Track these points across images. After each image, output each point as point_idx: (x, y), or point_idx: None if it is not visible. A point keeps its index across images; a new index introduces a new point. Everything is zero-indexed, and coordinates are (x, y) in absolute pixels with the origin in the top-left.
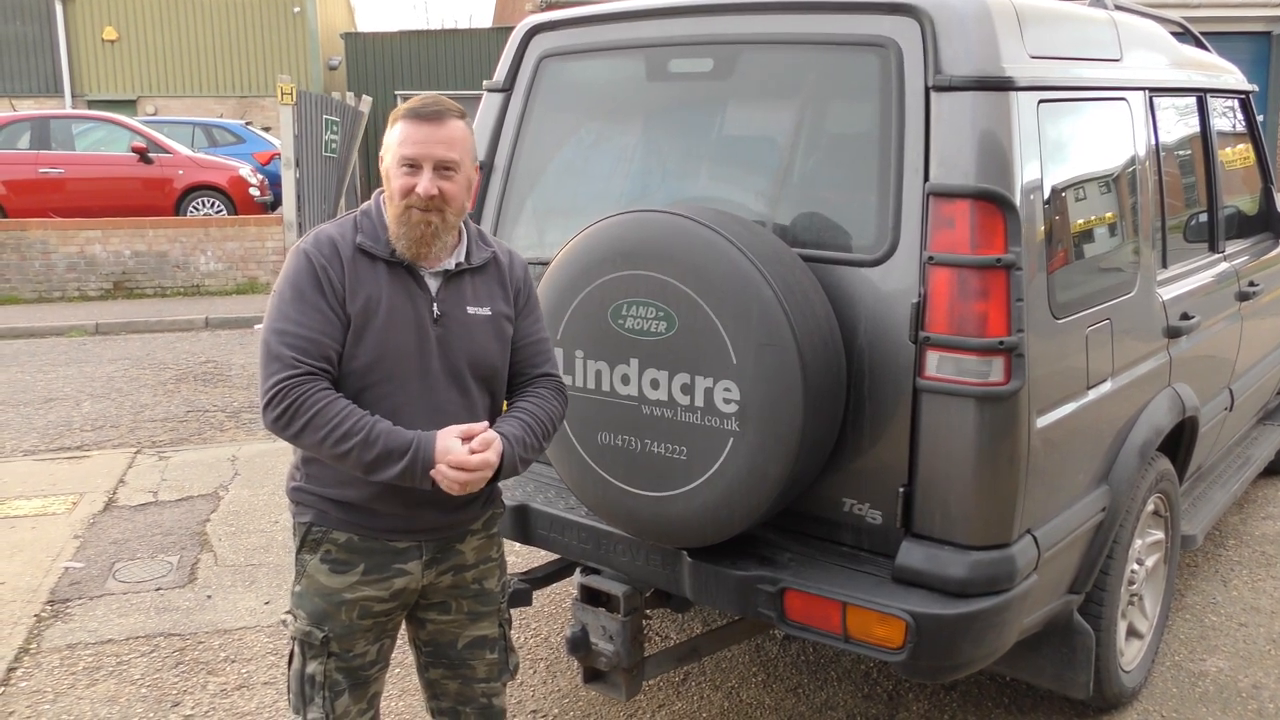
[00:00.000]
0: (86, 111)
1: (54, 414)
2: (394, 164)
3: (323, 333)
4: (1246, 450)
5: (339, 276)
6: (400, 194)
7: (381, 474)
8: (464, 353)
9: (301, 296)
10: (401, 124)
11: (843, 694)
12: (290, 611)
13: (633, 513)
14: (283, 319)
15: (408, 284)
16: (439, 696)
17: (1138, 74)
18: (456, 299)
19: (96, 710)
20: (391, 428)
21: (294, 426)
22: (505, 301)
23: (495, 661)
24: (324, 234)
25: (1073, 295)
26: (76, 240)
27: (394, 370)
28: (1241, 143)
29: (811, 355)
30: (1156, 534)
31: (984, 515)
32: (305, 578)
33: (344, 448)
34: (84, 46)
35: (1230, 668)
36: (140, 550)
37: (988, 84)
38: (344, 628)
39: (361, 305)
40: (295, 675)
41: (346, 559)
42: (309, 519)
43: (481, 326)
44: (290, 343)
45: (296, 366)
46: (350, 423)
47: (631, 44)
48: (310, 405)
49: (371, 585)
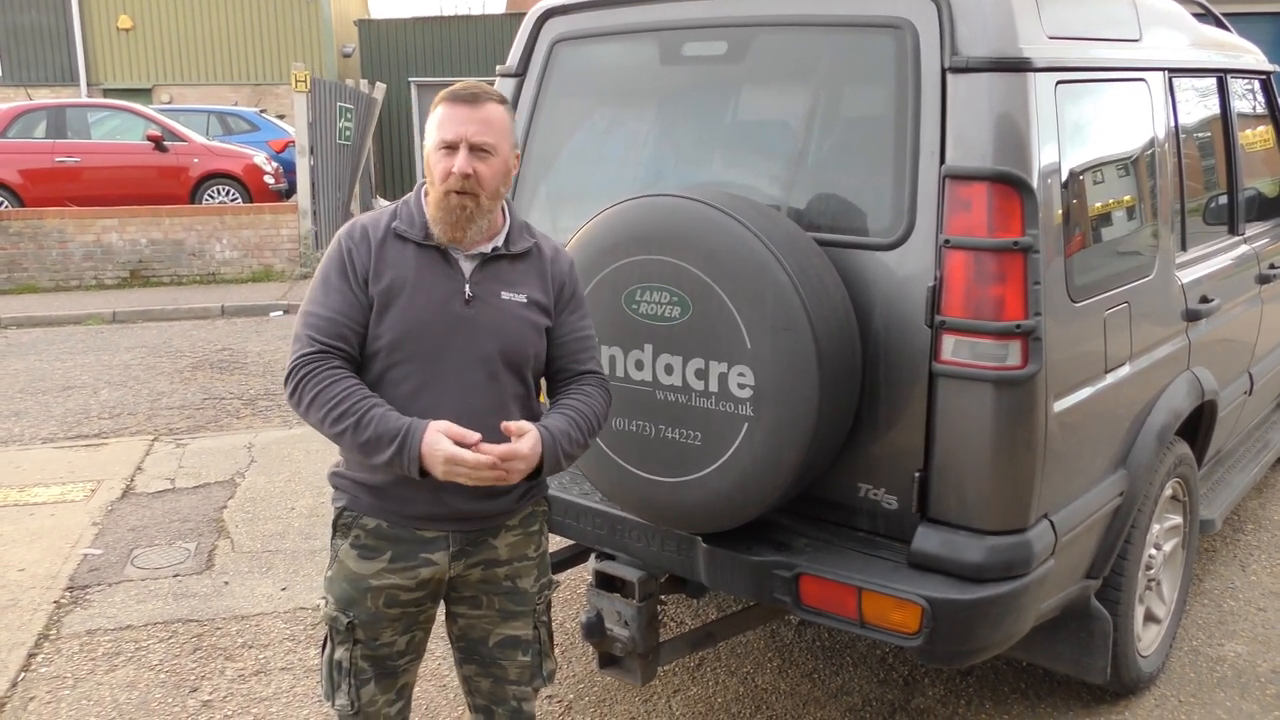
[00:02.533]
0: (102, 100)
1: (72, 402)
2: (433, 149)
3: (339, 312)
4: (1266, 434)
5: (364, 259)
6: (440, 178)
7: (375, 458)
8: (494, 337)
9: (327, 280)
10: (441, 107)
11: (858, 679)
12: (324, 595)
13: (648, 498)
14: (310, 303)
15: (439, 265)
16: (474, 693)
17: (1157, 54)
18: (491, 283)
19: (116, 695)
20: (386, 412)
21: (303, 403)
22: (543, 292)
23: (528, 665)
24: (359, 221)
25: (1091, 278)
26: (93, 229)
27: (417, 349)
28: (1262, 124)
29: (827, 340)
30: (1175, 519)
31: (1000, 500)
32: (336, 562)
33: (339, 428)
34: (99, 35)
35: (1249, 653)
36: (158, 537)
37: (1005, 65)
38: (369, 615)
39: (386, 285)
40: (326, 660)
41: (375, 545)
42: (343, 503)
43: (515, 312)
44: (310, 323)
45: (311, 345)
46: (348, 404)
47: (644, 27)
48: (316, 384)
49: (398, 573)
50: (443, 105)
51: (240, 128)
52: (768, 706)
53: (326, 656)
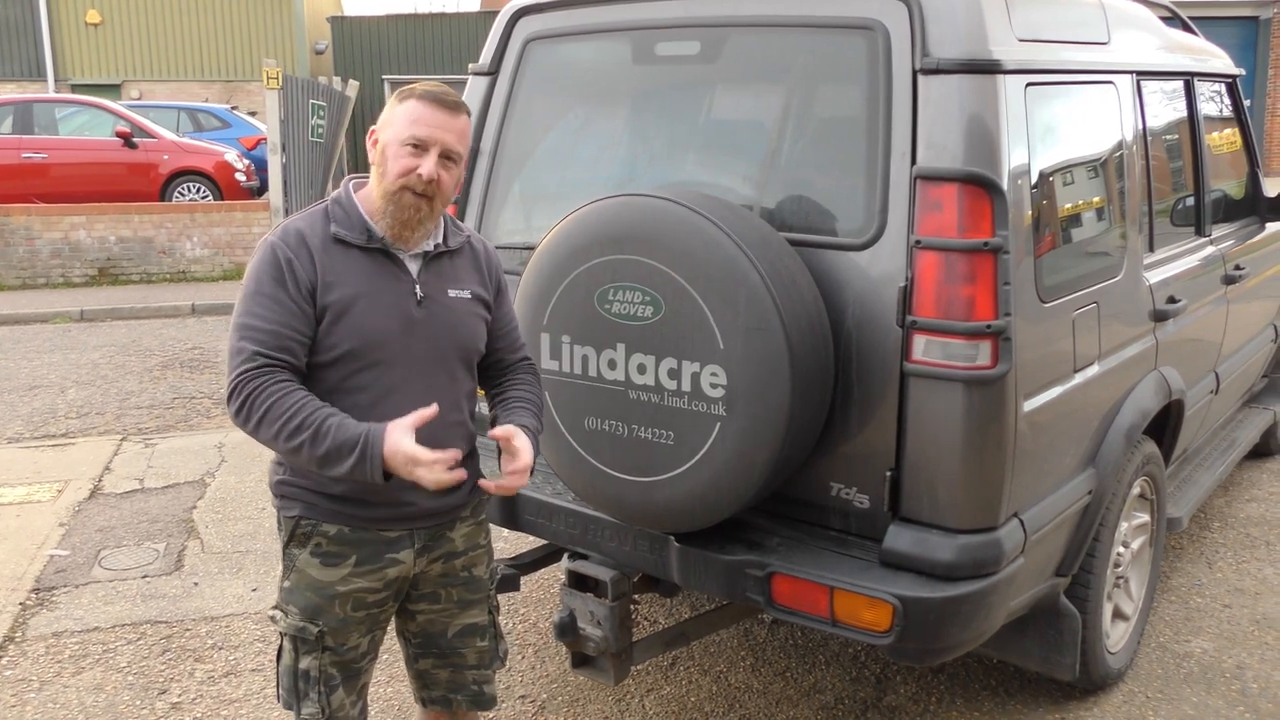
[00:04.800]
0: (70, 96)
1: (39, 401)
2: (396, 142)
3: (283, 324)
4: (1232, 433)
5: (307, 269)
6: (399, 174)
7: (334, 469)
8: (448, 335)
9: (261, 290)
10: (415, 103)
11: (830, 677)
12: (278, 607)
13: (620, 498)
14: (244, 314)
15: (388, 268)
16: (430, 686)
17: (1125, 57)
18: (437, 282)
19: (83, 698)
20: (342, 421)
21: (251, 420)
22: (482, 286)
23: (486, 649)
24: (291, 226)
25: (1060, 279)
26: (60, 226)
27: (378, 356)
28: (1228, 127)
29: (799, 339)
30: (1142, 517)
31: (971, 499)
32: (295, 572)
33: (295, 442)
34: (67, 30)
35: (1214, 649)
36: (126, 538)
37: (975, 67)
38: (338, 621)
39: (337, 295)
40: (287, 671)
41: (338, 551)
42: (297, 512)
43: (464, 309)
44: (250, 336)
45: (255, 360)
46: (301, 416)
47: (618, 27)
48: (265, 398)
49: (365, 577)
50: (416, 102)
51: (211, 124)
52: (741, 705)
53: (286, 667)
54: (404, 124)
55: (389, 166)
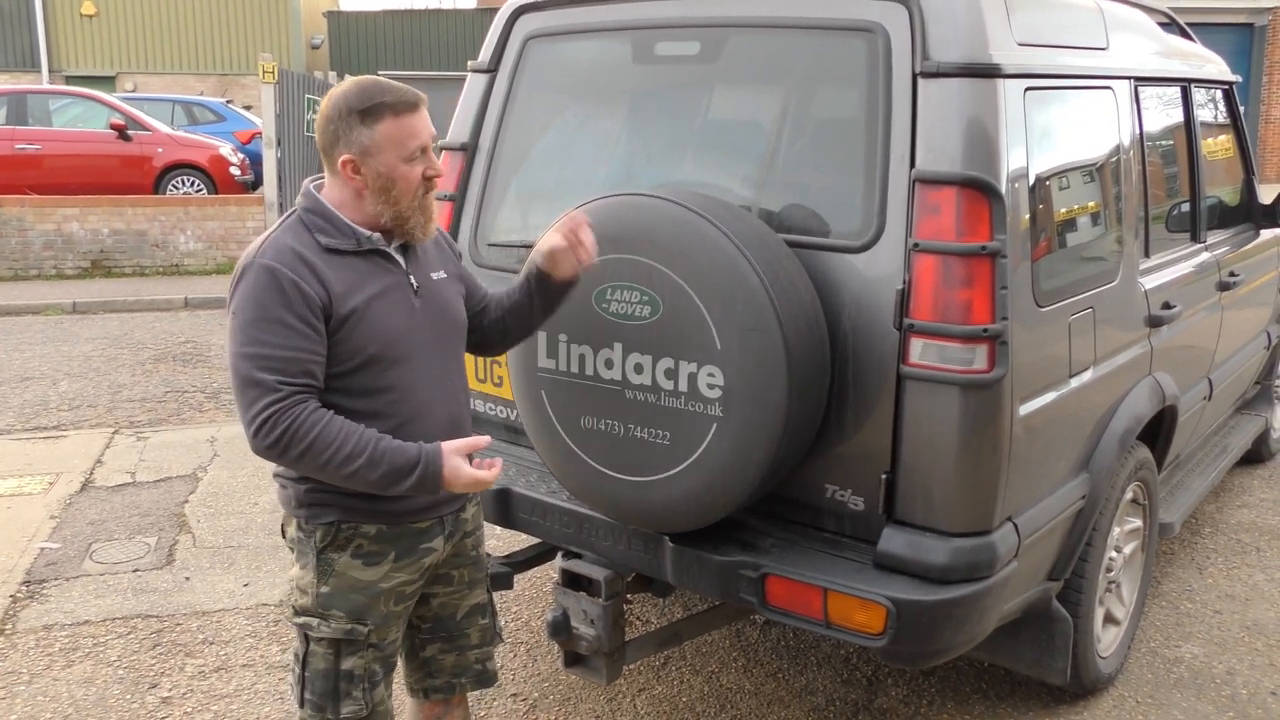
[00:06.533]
0: (64, 87)
1: (30, 393)
2: (401, 162)
3: (299, 348)
4: (1224, 439)
5: (314, 286)
6: (418, 184)
7: (392, 489)
8: (443, 317)
9: (267, 316)
10: (396, 120)
11: (822, 679)
12: (310, 614)
13: (615, 497)
14: (252, 342)
15: (383, 267)
16: (434, 674)
17: (1124, 63)
18: (421, 269)
19: (73, 692)
20: (394, 444)
21: (292, 452)
22: (450, 262)
23: (487, 626)
24: (281, 244)
25: (1056, 284)
26: (53, 218)
27: (398, 353)
28: (1224, 133)
29: (796, 341)
30: (1135, 522)
31: (966, 502)
32: (334, 577)
33: (349, 469)
34: (62, 21)
35: (1205, 654)
36: (118, 531)
37: (975, 71)
38: (382, 618)
39: (352, 304)
40: (321, 675)
41: (379, 550)
42: (334, 517)
43: (448, 288)
44: (266, 366)
45: (279, 390)
46: (352, 444)
47: (617, 26)
48: (308, 430)
49: (404, 570)
50: (395, 118)
51: (206, 118)
52: (732, 706)
53: (322, 670)
54: (400, 142)
55: (402, 189)
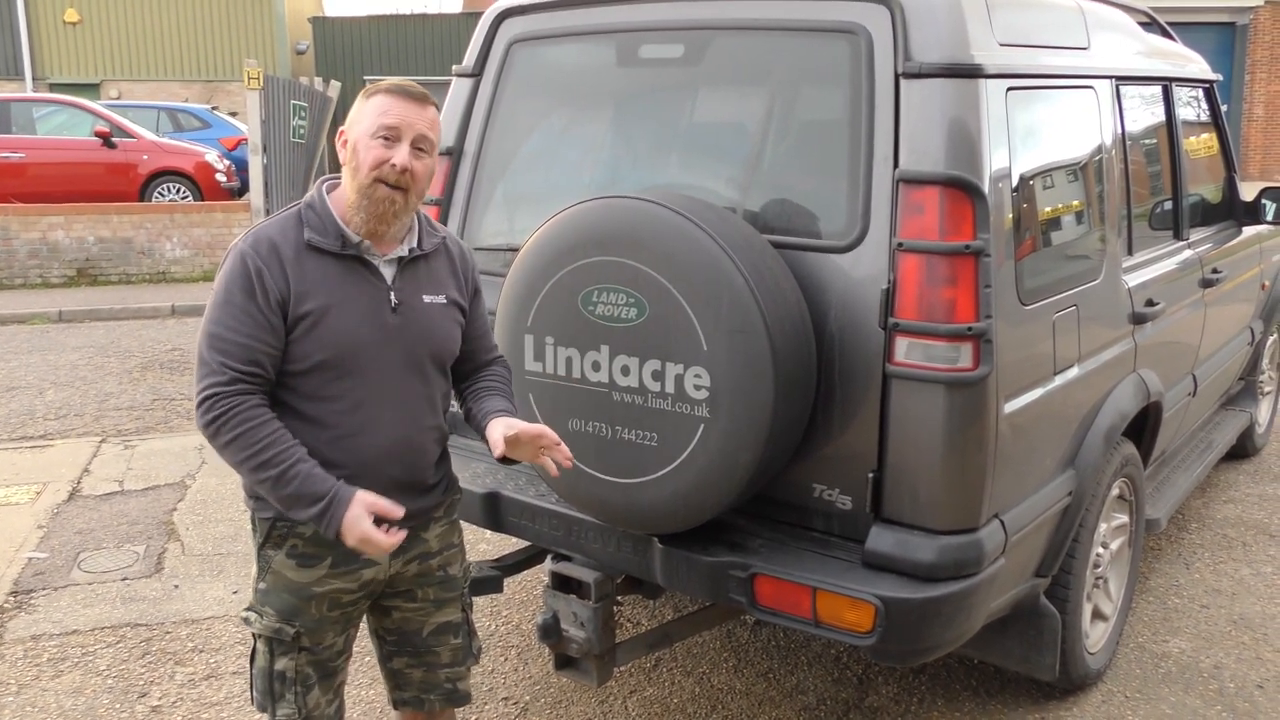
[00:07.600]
0: (48, 95)
1: (16, 403)
2: (367, 135)
3: (251, 336)
4: (1209, 435)
5: (278, 280)
6: (371, 165)
7: (291, 512)
8: (423, 341)
9: (231, 300)
10: (383, 97)
11: (813, 678)
12: (252, 609)
13: (604, 499)
14: (213, 322)
15: (361, 275)
16: (402, 687)
17: (1105, 62)
18: (413, 287)
19: (62, 702)
20: (312, 472)
21: (219, 439)
22: (458, 290)
23: (460, 646)
24: (263, 234)
25: (1040, 282)
26: (38, 226)
27: (353, 365)
28: (1206, 131)
29: (782, 341)
30: (1121, 518)
31: (952, 500)
32: (271, 574)
33: (259, 475)
34: (45, 29)
35: (1192, 649)
36: (106, 540)
37: (957, 71)
38: (314, 621)
39: (310, 306)
40: (261, 673)
41: (314, 552)
42: (272, 514)
43: (439, 314)
44: (219, 346)
45: (223, 373)
46: (271, 453)
47: (602, 29)
48: (239, 423)
49: (340, 578)
50: (383, 96)
51: (191, 125)
52: (724, 706)
53: (261, 669)
54: (373, 116)
55: (361, 160)
